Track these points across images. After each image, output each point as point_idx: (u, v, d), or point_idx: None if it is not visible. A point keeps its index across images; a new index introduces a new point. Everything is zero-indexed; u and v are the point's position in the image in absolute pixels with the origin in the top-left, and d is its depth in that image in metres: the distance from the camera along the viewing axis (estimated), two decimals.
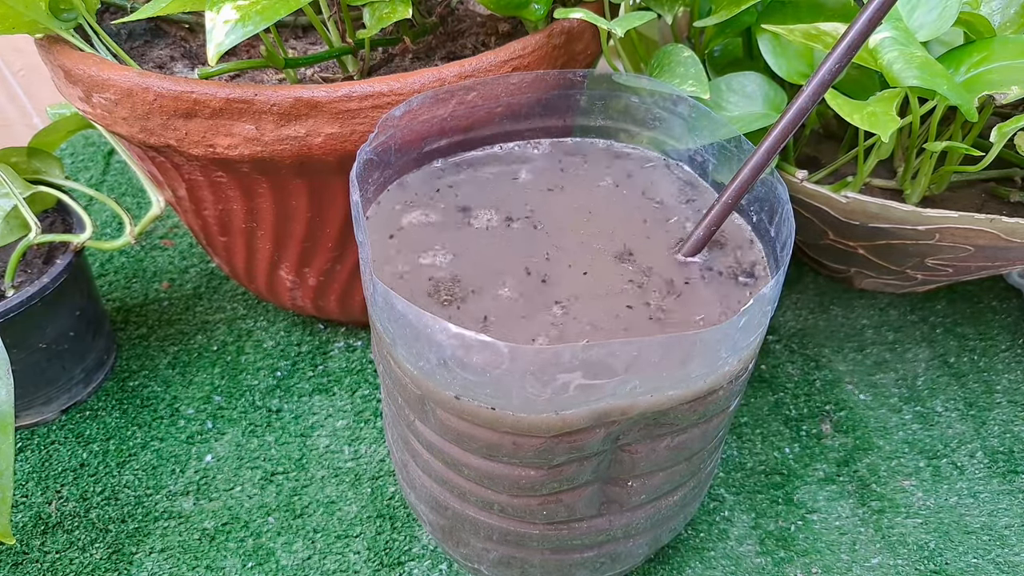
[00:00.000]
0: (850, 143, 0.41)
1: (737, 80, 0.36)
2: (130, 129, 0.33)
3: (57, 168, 0.45)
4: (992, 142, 0.34)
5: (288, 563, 0.37)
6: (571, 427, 0.24)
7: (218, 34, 0.28)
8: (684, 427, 0.26)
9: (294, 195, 0.36)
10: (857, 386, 0.46)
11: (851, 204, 0.37)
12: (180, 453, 0.42)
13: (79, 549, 0.38)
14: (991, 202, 0.40)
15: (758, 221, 0.29)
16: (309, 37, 0.42)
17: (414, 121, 0.31)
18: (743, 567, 0.37)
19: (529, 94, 0.33)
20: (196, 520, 0.39)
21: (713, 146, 0.31)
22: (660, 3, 0.38)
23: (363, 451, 0.42)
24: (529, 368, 0.22)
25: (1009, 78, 0.32)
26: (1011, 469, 0.41)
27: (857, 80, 0.37)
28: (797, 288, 0.52)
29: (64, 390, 0.43)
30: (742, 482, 0.41)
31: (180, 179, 0.37)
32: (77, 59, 0.33)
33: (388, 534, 0.38)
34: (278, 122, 0.32)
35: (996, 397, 0.45)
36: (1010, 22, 0.35)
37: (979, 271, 0.42)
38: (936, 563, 0.37)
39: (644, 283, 0.27)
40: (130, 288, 0.52)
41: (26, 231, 0.40)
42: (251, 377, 0.46)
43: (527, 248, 0.29)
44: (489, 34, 0.41)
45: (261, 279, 0.43)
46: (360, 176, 0.27)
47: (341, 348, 0.48)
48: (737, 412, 0.44)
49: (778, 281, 0.24)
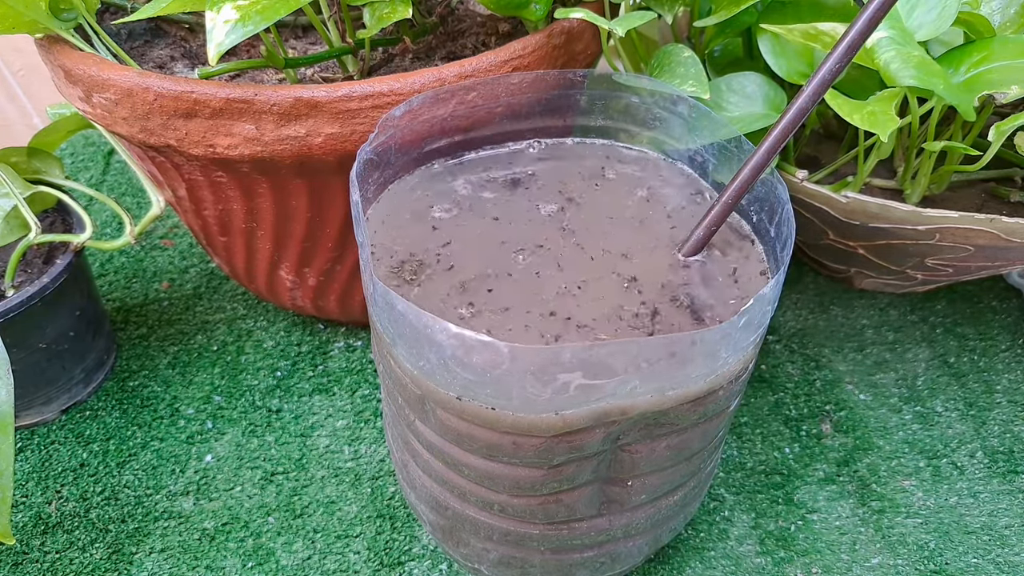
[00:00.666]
0: (850, 143, 0.41)
1: (737, 80, 0.36)
2: (130, 129, 0.33)
3: (57, 168, 0.45)
4: (991, 141, 0.34)
5: (288, 563, 0.37)
6: (571, 427, 0.24)
7: (218, 34, 0.28)
8: (684, 427, 0.26)
9: (294, 195, 0.36)
10: (857, 386, 0.46)
11: (851, 204, 0.37)
12: (180, 453, 0.42)
13: (79, 549, 0.38)
14: (991, 202, 0.40)
15: (758, 221, 0.29)
16: (309, 37, 0.42)
17: (414, 121, 0.31)
18: (743, 567, 0.37)
19: (529, 94, 0.33)
20: (196, 520, 0.39)
21: (713, 146, 0.31)
22: (660, 3, 0.38)
23: (363, 451, 0.42)
24: (529, 368, 0.22)
25: (1009, 78, 0.32)
26: (1011, 469, 0.41)
27: (857, 80, 0.37)
28: (797, 288, 0.52)
29: (64, 390, 0.43)
30: (742, 482, 0.41)
31: (180, 179, 0.37)
32: (77, 59, 0.33)
33: (388, 534, 0.38)
34: (278, 122, 0.32)
35: (996, 397, 0.45)
36: (1010, 22, 0.35)
37: (979, 271, 0.42)
38: (936, 563, 0.37)
39: (644, 282, 0.27)
40: (130, 288, 0.52)
41: (26, 231, 0.40)
42: (251, 377, 0.46)
43: (527, 245, 0.29)
44: (489, 34, 0.41)
45: (261, 279, 0.43)
46: (360, 176, 0.27)
47: (341, 348, 0.48)
48: (737, 412, 0.44)
49: (778, 281, 0.24)
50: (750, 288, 0.27)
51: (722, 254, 0.29)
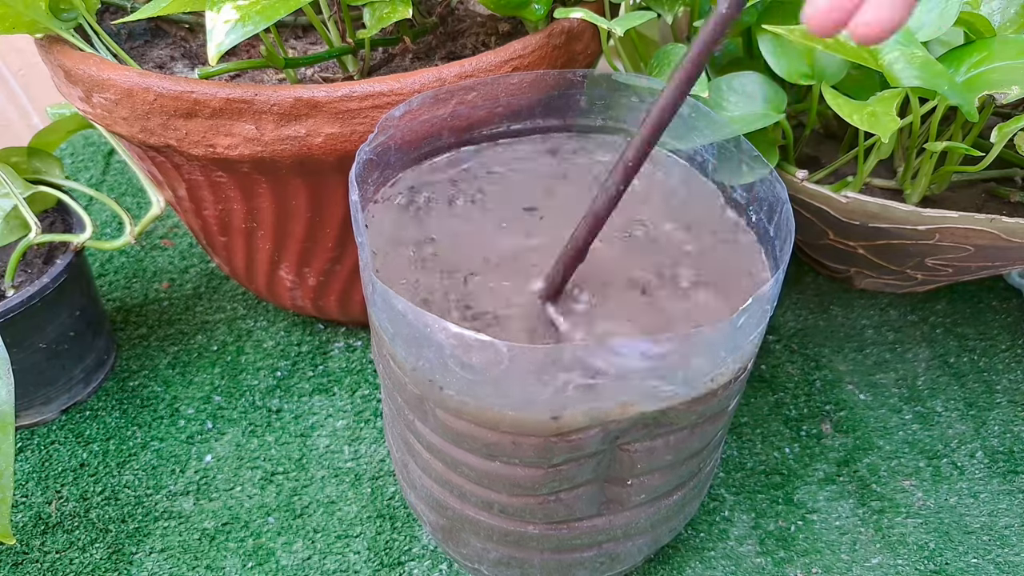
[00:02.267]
0: (850, 143, 0.41)
1: (737, 80, 0.36)
2: (130, 129, 0.33)
3: (57, 168, 0.45)
4: (992, 142, 0.34)
5: (288, 563, 0.37)
6: (570, 427, 0.24)
7: (218, 34, 0.28)
8: (683, 427, 0.26)
9: (294, 195, 0.36)
10: (857, 386, 0.46)
11: (851, 204, 0.37)
12: (180, 453, 0.42)
13: (79, 549, 0.38)
14: (991, 202, 0.40)
15: (758, 221, 0.29)
16: (309, 37, 0.42)
17: (414, 121, 0.31)
18: (743, 567, 0.37)
19: (529, 94, 0.33)
20: (196, 520, 0.39)
21: (713, 146, 0.31)
22: (660, 3, 0.38)
23: (363, 451, 0.42)
24: (528, 368, 0.22)
25: (1009, 78, 0.32)
26: (1011, 469, 0.41)
27: (858, 80, 0.37)
28: (797, 288, 0.52)
29: (64, 390, 0.43)
30: (742, 482, 0.41)
31: (180, 179, 0.37)
32: (77, 59, 0.33)
33: (388, 534, 0.38)
34: (278, 122, 0.32)
35: (996, 397, 0.45)
36: (1010, 22, 0.35)
37: (979, 271, 0.42)
38: (936, 563, 0.37)
39: (643, 281, 0.27)
40: (130, 288, 0.52)
41: (26, 231, 0.40)
42: (251, 377, 0.46)
43: (525, 243, 0.29)
44: (489, 34, 0.41)
45: (261, 279, 0.43)
46: (360, 176, 0.27)
47: (341, 348, 0.48)
48: (737, 412, 0.44)
49: (778, 281, 0.24)
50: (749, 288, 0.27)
51: (722, 254, 0.29)
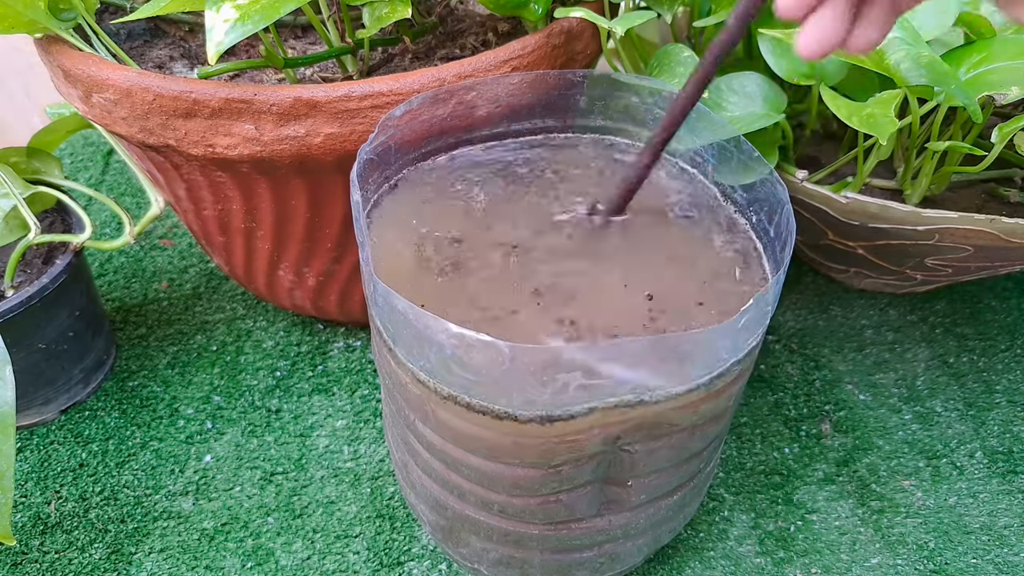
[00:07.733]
0: (850, 143, 0.41)
1: (737, 80, 0.36)
2: (129, 129, 0.33)
3: (57, 168, 0.45)
4: (992, 142, 0.34)
5: (288, 563, 0.37)
6: (571, 427, 0.24)
7: (218, 33, 0.28)
8: (683, 428, 0.26)
9: (293, 195, 0.36)
10: (857, 386, 0.46)
11: (851, 204, 0.37)
12: (179, 453, 0.42)
13: (78, 549, 0.38)
14: (991, 202, 0.40)
15: (758, 221, 0.29)
16: (309, 37, 0.42)
17: (414, 121, 0.31)
18: (743, 567, 0.37)
19: (529, 94, 0.33)
20: (195, 520, 0.39)
21: (713, 146, 0.31)
22: (660, 3, 0.38)
23: (363, 451, 0.42)
24: (529, 368, 0.22)
25: (1009, 78, 0.32)
26: (1011, 469, 0.41)
27: (857, 81, 0.37)
28: (797, 288, 0.52)
29: (63, 390, 0.43)
30: (742, 482, 0.41)
31: (179, 179, 0.37)
32: (76, 59, 0.33)
33: (388, 534, 0.38)
34: (277, 122, 0.32)
35: (996, 397, 0.45)
36: (1010, 22, 0.35)
37: (979, 271, 0.42)
38: (936, 563, 0.37)
39: (642, 281, 0.27)
40: (129, 288, 0.52)
41: (26, 231, 0.40)
42: (251, 377, 0.46)
43: (527, 240, 0.29)
44: (489, 34, 0.41)
45: (261, 279, 0.43)
46: (360, 176, 0.27)
47: (341, 348, 0.48)
48: (737, 412, 0.44)
49: (778, 281, 0.24)
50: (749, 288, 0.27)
51: (723, 254, 0.29)
